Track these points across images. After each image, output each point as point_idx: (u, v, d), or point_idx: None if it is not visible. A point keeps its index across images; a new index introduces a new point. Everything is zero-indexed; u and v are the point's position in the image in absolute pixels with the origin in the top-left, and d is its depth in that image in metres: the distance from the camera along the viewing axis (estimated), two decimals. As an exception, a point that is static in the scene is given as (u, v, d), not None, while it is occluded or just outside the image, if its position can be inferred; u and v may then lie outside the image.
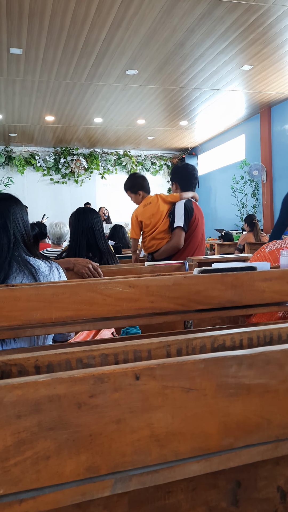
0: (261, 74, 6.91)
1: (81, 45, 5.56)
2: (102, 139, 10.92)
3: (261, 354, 0.56)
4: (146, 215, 3.01)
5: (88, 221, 2.19)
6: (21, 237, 1.41)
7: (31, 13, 4.69)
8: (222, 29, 5.29)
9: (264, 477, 0.66)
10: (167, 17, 4.92)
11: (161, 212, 2.96)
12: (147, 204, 3.05)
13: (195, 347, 0.64)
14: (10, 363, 0.58)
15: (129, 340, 0.62)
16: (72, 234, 2.25)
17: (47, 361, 0.59)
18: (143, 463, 0.52)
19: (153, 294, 1.32)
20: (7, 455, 0.47)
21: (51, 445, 0.48)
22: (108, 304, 1.27)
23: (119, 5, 4.62)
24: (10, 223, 1.38)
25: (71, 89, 7.17)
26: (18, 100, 7.62)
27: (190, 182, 3.01)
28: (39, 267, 1.41)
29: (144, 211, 3.03)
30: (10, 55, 5.72)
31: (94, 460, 0.50)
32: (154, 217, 2.97)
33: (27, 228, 1.45)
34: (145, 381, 0.52)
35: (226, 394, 0.55)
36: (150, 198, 3.08)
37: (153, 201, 3.03)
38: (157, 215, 2.96)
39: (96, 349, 0.61)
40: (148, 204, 3.03)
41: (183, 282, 1.33)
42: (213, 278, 1.34)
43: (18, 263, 1.37)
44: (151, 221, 2.97)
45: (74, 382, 0.49)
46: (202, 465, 0.55)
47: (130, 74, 6.60)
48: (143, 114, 8.89)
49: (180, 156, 12.74)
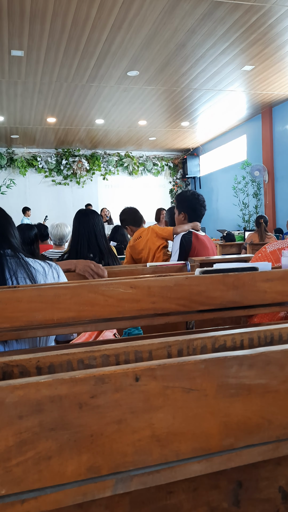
0: (262, 74, 6.91)
1: (82, 47, 5.57)
2: (103, 140, 10.93)
3: (262, 355, 0.56)
4: (135, 250, 2.91)
5: (89, 223, 2.19)
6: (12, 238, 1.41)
7: (32, 15, 4.70)
8: (223, 29, 5.30)
9: (266, 478, 0.66)
10: (168, 18, 4.93)
11: (148, 248, 2.84)
12: (137, 239, 2.95)
13: (196, 347, 0.65)
14: (11, 364, 0.58)
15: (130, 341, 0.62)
16: (73, 235, 2.25)
17: (49, 362, 0.59)
18: (144, 463, 0.52)
19: (155, 295, 1.33)
20: (9, 455, 0.47)
21: (53, 445, 0.49)
22: (110, 305, 1.27)
23: (120, 7, 4.62)
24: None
25: (73, 90, 7.19)
26: (20, 102, 7.64)
27: (200, 213, 2.78)
28: (37, 267, 1.42)
29: (134, 245, 2.94)
30: (11, 57, 5.73)
31: (95, 460, 0.50)
32: (143, 252, 2.87)
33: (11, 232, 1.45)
34: (146, 381, 0.52)
35: (227, 394, 0.55)
36: (142, 231, 2.96)
37: (143, 235, 2.91)
38: (145, 251, 2.86)
39: (97, 350, 0.61)
40: (138, 239, 2.93)
41: (185, 282, 1.34)
42: (214, 278, 1.34)
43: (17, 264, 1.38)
44: (141, 255, 2.87)
45: (75, 382, 0.49)
46: (203, 465, 0.55)
47: (131, 75, 6.61)
48: (144, 115, 8.90)
49: (182, 156, 12.75)
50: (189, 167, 12.38)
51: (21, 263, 1.39)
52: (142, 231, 2.96)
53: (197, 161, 12.43)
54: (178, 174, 13.02)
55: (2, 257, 1.38)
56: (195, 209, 2.75)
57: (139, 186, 12.53)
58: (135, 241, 2.94)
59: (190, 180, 13.11)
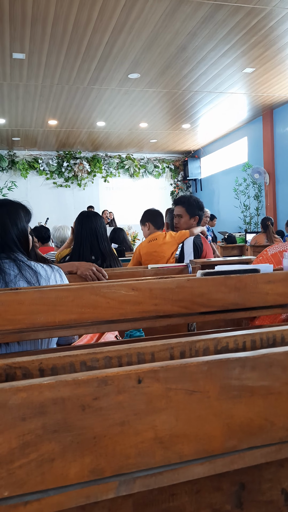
0: (263, 76, 6.92)
1: (83, 50, 5.59)
2: (105, 142, 10.95)
3: (264, 356, 0.56)
4: (147, 250, 2.86)
5: (91, 225, 2.20)
6: (13, 243, 1.41)
7: (33, 18, 4.72)
8: (224, 32, 5.31)
9: (269, 480, 0.66)
10: (169, 21, 4.94)
11: (162, 253, 2.81)
12: (152, 240, 2.91)
13: (198, 349, 0.65)
14: (14, 366, 0.59)
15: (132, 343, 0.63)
16: (75, 238, 2.26)
17: (51, 364, 0.59)
18: (147, 465, 0.52)
19: (157, 297, 1.33)
20: (12, 457, 0.47)
21: (56, 447, 0.49)
22: (112, 307, 1.27)
23: (121, 9, 4.64)
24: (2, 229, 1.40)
25: (74, 93, 7.21)
26: (21, 105, 7.66)
27: (202, 218, 2.91)
28: (39, 271, 1.42)
29: (148, 246, 2.89)
30: (13, 60, 5.75)
31: (98, 462, 0.50)
32: (154, 254, 2.83)
33: (21, 233, 1.45)
34: (148, 383, 0.52)
35: (230, 396, 0.55)
36: (157, 234, 2.94)
37: (159, 238, 2.88)
38: (158, 254, 2.82)
39: (99, 351, 0.61)
40: (154, 240, 2.90)
41: (187, 284, 1.34)
42: (216, 280, 1.34)
43: (20, 267, 1.38)
44: (151, 258, 2.83)
45: (78, 384, 0.49)
46: (206, 467, 0.55)
47: (132, 77, 6.62)
48: (145, 118, 8.92)
49: (183, 159, 12.76)
50: (190, 169, 12.39)
51: (23, 266, 1.39)
52: (158, 234, 2.95)
53: (198, 163, 12.44)
54: (179, 176, 13.03)
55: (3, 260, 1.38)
56: (201, 214, 2.88)
57: (140, 188, 12.54)
58: (149, 242, 2.91)
59: (191, 182, 13.12)
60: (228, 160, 11.07)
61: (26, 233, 1.47)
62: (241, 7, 4.73)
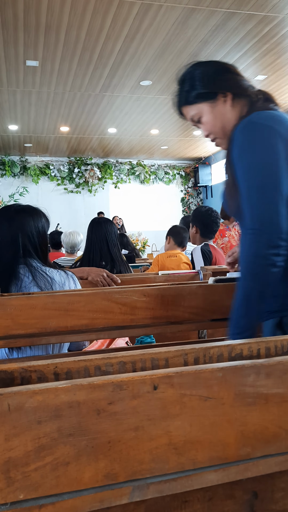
0: (275, 84, 6.92)
1: (96, 57, 5.64)
2: (116, 149, 11.01)
3: (279, 364, 0.56)
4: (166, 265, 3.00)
5: (102, 231, 2.22)
6: (34, 249, 1.42)
7: (47, 26, 4.78)
8: (236, 40, 5.33)
9: (281, 488, 0.65)
10: (181, 28, 4.97)
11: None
12: (171, 256, 3.04)
13: (212, 356, 0.65)
14: (30, 369, 0.59)
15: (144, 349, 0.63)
16: (86, 243, 2.27)
17: (66, 368, 0.60)
18: (161, 471, 0.52)
19: (168, 303, 1.33)
20: (27, 460, 0.48)
21: (71, 451, 0.49)
22: (123, 312, 1.28)
23: (134, 18, 4.68)
24: (22, 236, 1.40)
25: (86, 100, 7.27)
26: (33, 111, 7.75)
27: (212, 229, 2.93)
28: (54, 277, 1.43)
29: (167, 261, 3.02)
30: (26, 67, 5.83)
31: (112, 467, 0.51)
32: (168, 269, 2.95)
33: (43, 240, 1.47)
34: (163, 389, 0.52)
35: (244, 403, 0.55)
36: (178, 252, 3.08)
37: (178, 256, 3.02)
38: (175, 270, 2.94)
39: (114, 356, 0.61)
40: (173, 257, 3.03)
41: (198, 291, 1.34)
42: (228, 287, 1.34)
43: (33, 273, 1.39)
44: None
45: (93, 388, 0.50)
46: (220, 474, 0.55)
47: (144, 85, 6.66)
48: (156, 124, 8.95)
49: (194, 165, 12.77)
50: (200, 176, 12.39)
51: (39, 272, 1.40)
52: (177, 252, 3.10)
53: (209, 170, 12.44)
54: (190, 183, 13.04)
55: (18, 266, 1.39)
56: (207, 224, 2.90)
57: (150, 194, 12.56)
58: (169, 257, 3.06)
59: (202, 189, 13.11)
60: (238, 167, 11.03)
61: (46, 240, 1.49)
62: (254, 15, 4.75)
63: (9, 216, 1.43)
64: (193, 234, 2.96)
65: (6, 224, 1.41)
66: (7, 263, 1.38)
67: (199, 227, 2.92)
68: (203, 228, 2.90)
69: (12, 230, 1.40)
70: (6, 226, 1.41)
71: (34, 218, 1.46)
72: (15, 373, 0.59)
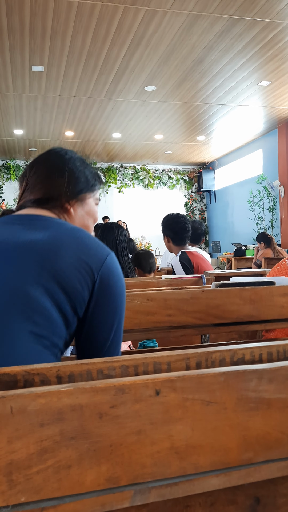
0: (279, 89, 6.93)
1: (101, 63, 5.68)
2: (120, 153, 11.05)
3: (282, 369, 0.56)
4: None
5: (112, 237, 2.24)
6: None
7: (53, 32, 4.82)
8: (240, 45, 5.35)
9: (284, 494, 0.65)
10: (186, 34, 5.00)
11: None
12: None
13: (215, 360, 0.65)
14: (32, 372, 0.59)
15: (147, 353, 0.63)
16: None
17: (69, 371, 0.60)
18: (163, 475, 0.52)
19: (171, 307, 1.33)
20: (30, 463, 0.48)
21: (73, 454, 0.49)
22: (126, 316, 1.28)
23: (139, 24, 4.71)
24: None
25: (91, 105, 7.31)
26: (39, 116, 7.80)
27: (182, 236, 2.77)
28: None
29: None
30: (32, 72, 5.87)
31: (114, 470, 0.51)
32: None
33: None
34: (165, 393, 0.52)
35: (246, 408, 0.55)
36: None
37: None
38: None
39: (116, 360, 0.61)
40: None
41: (201, 296, 1.34)
42: (231, 292, 1.34)
43: None
44: None
45: (96, 392, 0.50)
46: (222, 479, 0.55)
47: (148, 90, 6.69)
48: (161, 129, 8.98)
49: (197, 170, 12.79)
50: (204, 181, 12.40)
51: None
52: None
53: (213, 175, 12.46)
54: (194, 188, 13.06)
55: None
56: (176, 232, 2.75)
57: (154, 199, 12.59)
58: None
59: (205, 194, 13.13)
60: (242, 172, 11.06)
61: None
62: (258, 21, 4.77)
63: None
64: (167, 245, 2.84)
65: None
66: None
67: (169, 235, 2.79)
68: (173, 236, 2.77)
69: None
70: None
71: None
72: (18, 376, 0.59)
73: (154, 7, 4.38)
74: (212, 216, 12.92)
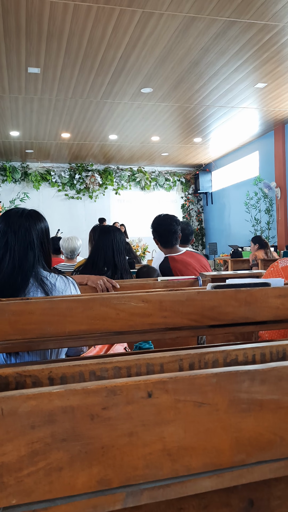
0: (275, 91, 6.96)
1: (97, 64, 5.68)
2: (116, 155, 11.05)
3: (274, 370, 0.56)
4: None
5: (108, 240, 2.23)
6: (43, 255, 1.43)
7: (49, 34, 4.83)
8: (237, 48, 5.37)
9: (278, 497, 0.65)
10: (182, 36, 5.01)
11: None
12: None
13: (208, 361, 0.65)
14: (24, 374, 0.59)
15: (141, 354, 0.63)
16: (93, 248, 2.29)
17: (61, 373, 0.60)
18: (155, 477, 0.52)
19: (166, 309, 1.33)
20: (20, 465, 0.47)
21: (64, 456, 0.49)
22: (121, 318, 1.27)
23: (135, 26, 4.72)
24: (37, 241, 1.41)
25: (87, 107, 7.31)
26: (35, 118, 7.79)
27: (167, 238, 2.66)
28: (55, 282, 1.42)
29: None
30: (28, 74, 5.87)
31: (106, 472, 0.50)
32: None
33: (50, 246, 1.48)
34: (157, 394, 0.52)
35: (239, 409, 0.55)
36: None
37: None
38: None
39: (109, 361, 0.61)
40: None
41: (197, 297, 1.33)
42: (226, 294, 1.34)
43: (36, 279, 1.39)
44: None
45: (87, 393, 0.49)
46: (214, 481, 0.55)
47: (145, 92, 6.70)
48: (157, 131, 8.99)
49: (194, 172, 12.81)
50: (201, 183, 12.42)
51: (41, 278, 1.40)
52: None
53: (209, 176, 12.48)
54: (190, 190, 13.07)
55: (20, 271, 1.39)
56: (161, 234, 2.67)
57: (151, 201, 12.60)
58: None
59: (202, 196, 13.14)
60: (239, 173, 11.09)
61: (51, 245, 1.50)
62: (254, 23, 4.79)
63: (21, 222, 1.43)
64: (158, 247, 2.77)
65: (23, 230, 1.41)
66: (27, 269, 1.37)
67: (156, 238, 2.72)
68: (159, 238, 2.69)
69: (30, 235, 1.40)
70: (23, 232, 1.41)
71: (44, 222, 1.47)
72: (9, 378, 0.59)
73: (150, 9, 4.39)
74: (209, 218, 12.94)
